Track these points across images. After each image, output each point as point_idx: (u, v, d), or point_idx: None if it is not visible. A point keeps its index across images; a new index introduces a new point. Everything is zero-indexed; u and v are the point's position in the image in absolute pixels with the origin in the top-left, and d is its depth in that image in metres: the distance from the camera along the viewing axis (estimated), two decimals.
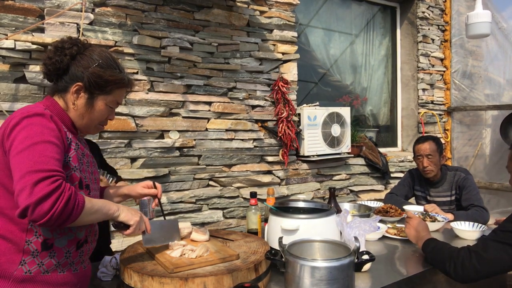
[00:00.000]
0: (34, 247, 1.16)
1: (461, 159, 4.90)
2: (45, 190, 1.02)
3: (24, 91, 2.41)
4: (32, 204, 1.00)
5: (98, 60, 1.28)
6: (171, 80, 2.93)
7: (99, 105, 1.30)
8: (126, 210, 1.29)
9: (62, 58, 1.24)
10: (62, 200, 1.03)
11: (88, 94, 1.27)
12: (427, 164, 2.64)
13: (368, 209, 2.32)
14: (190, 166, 3.04)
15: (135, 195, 1.59)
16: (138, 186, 1.59)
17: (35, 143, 1.09)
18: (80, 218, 1.10)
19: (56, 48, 1.26)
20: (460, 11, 4.85)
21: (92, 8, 2.64)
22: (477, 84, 5.01)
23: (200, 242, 1.58)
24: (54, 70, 1.26)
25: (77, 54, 1.27)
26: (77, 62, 1.26)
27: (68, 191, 1.06)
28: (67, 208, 1.05)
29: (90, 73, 1.25)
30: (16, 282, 1.14)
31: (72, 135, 1.28)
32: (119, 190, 1.59)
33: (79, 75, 1.25)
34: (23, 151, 1.08)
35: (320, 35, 4.21)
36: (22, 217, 1.03)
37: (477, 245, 1.53)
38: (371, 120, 4.67)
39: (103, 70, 1.28)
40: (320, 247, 1.48)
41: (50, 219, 1.02)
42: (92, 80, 1.26)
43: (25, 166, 1.05)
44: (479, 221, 2.30)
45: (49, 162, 1.08)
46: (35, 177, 1.03)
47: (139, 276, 1.30)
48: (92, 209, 1.15)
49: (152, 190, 1.58)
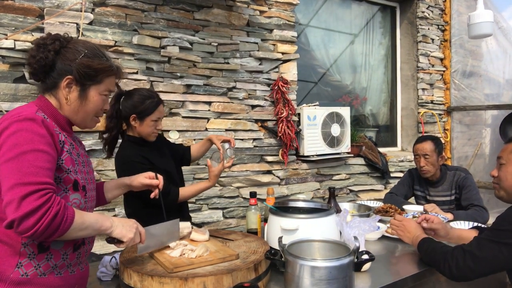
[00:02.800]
0: (31, 249, 1.15)
1: (460, 158, 4.91)
2: (32, 205, 1.01)
3: (24, 91, 2.41)
4: (18, 219, 1.00)
5: (84, 51, 1.25)
6: (170, 80, 2.93)
7: (92, 95, 1.27)
8: (120, 226, 1.26)
9: (46, 54, 1.21)
10: (49, 216, 1.03)
11: (80, 86, 1.25)
12: (423, 164, 2.65)
13: (368, 209, 2.32)
14: (190, 166, 3.03)
15: (137, 185, 1.58)
16: (140, 176, 1.59)
17: (24, 152, 1.06)
18: (69, 233, 1.09)
19: (38, 46, 1.22)
20: (460, 11, 4.85)
21: (92, 8, 2.64)
22: (477, 84, 5.02)
23: (199, 242, 1.58)
24: (40, 68, 1.22)
25: (60, 48, 1.23)
26: (63, 56, 1.23)
27: (56, 206, 1.05)
28: (54, 224, 1.04)
29: (78, 64, 1.22)
30: (12, 284, 1.13)
31: (67, 135, 1.26)
32: (120, 181, 1.59)
33: (67, 69, 1.22)
34: (12, 159, 1.06)
35: (320, 35, 4.21)
36: (8, 229, 1.03)
37: (471, 244, 1.52)
38: (370, 120, 4.67)
39: (91, 59, 1.25)
40: (319, 247, 1.48)
41: (35, 233, 1.02)
42: (82, 71, 1.23)
43: (14, 177, 1.04)
44: (478, 220, 2.30)
45: (39, 173, 1.06)
46: (23, 190, 1.02)
47: (139, 276, 1.30)
48: (83, 225, 1.13)
49: (154, 181, 1.59)
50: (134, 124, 1.97)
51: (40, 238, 1.06)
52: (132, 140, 2.01)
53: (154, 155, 2.03)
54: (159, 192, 1.60)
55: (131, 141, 2.01)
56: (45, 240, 1.12)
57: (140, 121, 1.96)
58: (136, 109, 1.94)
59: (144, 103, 1.94)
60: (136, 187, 1.60)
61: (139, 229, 1.33)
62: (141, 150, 1.98)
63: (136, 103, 1.94)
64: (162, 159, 2.07)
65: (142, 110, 1.94)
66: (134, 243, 1.32)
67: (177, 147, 2.30)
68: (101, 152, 2.66)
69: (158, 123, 2.00)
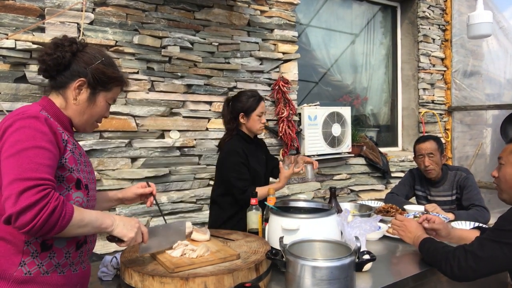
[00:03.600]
0: (34, 247, 1.16)
1: (461, 158, 4.90)
2: (30, 200, 1.01)
3: (25, 90, 2.41)
4: (15, 213, 1.00)
5: (101, 58, 1.31)
6: (171, 79, 2.93)
7: (100, 100, 1.32)
8: (122, 224, 1.25)
9: (64, 54, 1.25)
10: (46, 211, 1.02)
11: (90, 89, 1.29)
12: (428, 163, 2.63)
13: (369, 209, 2.31)
14: (191, 166, 3.04)
15: (130, 196, 1.58)
16: (133, 187, 1.59)
17: (26, 148, 1.08)
18: (68, 230, 1.09)
19: (56, 45, 1.27)
20: (461, 11, 4.84)
21: (93, 8, 2.64)
22: (478, 84, 5.01)
23: (200, 242, 1.58)
24: (54, 65, 1.26)
25: (77, 51, 1.29)
26: (79, 58, 1.28)
27: (54, 201, 1.05)
28: (51, 219, 1.04)
29: (93, 69, 1.28)
30: (16, 283, 1.13)
31: (69, 135, 1.28)
32: (112, 194, 1.57)
33: (81, 71, 1.27)
34: (13, 155, 1.07)
35: (321, 35, 4.21)
36: (7, 224, 1.03)
37: (473, 244, 1.52)
38: (371, 120, 4.66)
39: (106, 67, 1.31)
40: (320, 247, 1.47)
41: (32, 229, 1.02)
42: (96, 76, 1.28)
43: (13, 172, 1.05)
44: (479, 221, 2.30)
45: (39, 169, 1.06)
46: (21, 185, 1.02)
47: (140, 275, 1.30)
48: (82, 222, 1.13)
49: (147, 189, 1.59)
50: (242, 121, 2.32)
51: (38, 234, 1.05)
52: (242, 135, 2.35)
53: (252, 153, 2.34)
54: (154, 198, 1.59)
55: (240, 136, 2.35)
56: (43, 236, 1.13)
57: (247, 117, 2.31)
58: (243, 107, 2.30)
59: (248, 101, 2.30)
60: (130, 198, 1.58)
61: (142, 229, 1.33)
62: (244, 145, 2.31)
63: (243, 102, 2.30)
64: (255, 159, 2.37)
65: (248, 107, 2.30)
66: (136, 243, 1.32)
67: (272, 159, 2.60)
68: (101, 152, 2.66)
69: (262, 117, 2.34)
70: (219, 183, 2.37)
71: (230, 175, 2.24)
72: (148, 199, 1.60)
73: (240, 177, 2.23)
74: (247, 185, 2.22)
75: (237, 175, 2.23)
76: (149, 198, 1.60)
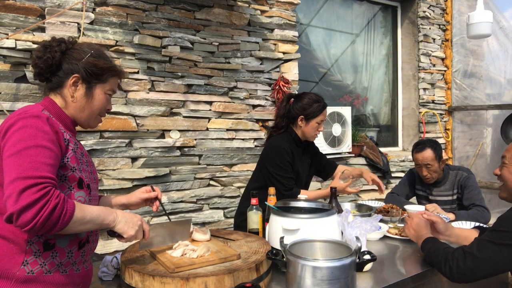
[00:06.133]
0: (36, 247, 1.16)
1: (462, 158, 4.90)
2: (31, 198, 1.02)
3: (25, 90, 2.41)
4: (16, 212, 1.01)
5: (90, 51, 1.31)
6: (171, 79, 2.93)
7: (97, 93, 1.32)
8: (123, 221, 1.26)
9: (53, 54, 1.26)
10: (47, 209, 1.03)
11: (86, 84, 1.30)
12: (426, 173, 2.64)
13: (369, 209, 2.31)
14: (191, 166, 3.04)
15: (135, 201, 1.56)
16: (137, 192, 1.58)
17: (27, 147, 1.08)
18: (69, 227, 1.09)
19: (45, 47, 1.27)
20: (461, 11, 4.84)
21: (93, 8, 2.64)
22: (478, 84, 5.01)
23: (201, 242, 1.58)
24: (46, 67, 1.26)
25: (66, 49, 1.29)
26: (69, 56, 1.28)
27: (55, 199, 1.05)
28: (52, 217, 1.04)
29: (84, 63, 1.28)
30: (18, 282, 1.13)
31: (71, 134, 1.29)
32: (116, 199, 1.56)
33: (74, 68, 1.27)
34: (14, 154, 1.07)
35: (321, 35, 4.21)
36: (8, 223, 1.03)
37: (471, 245, 1.51)
38: (372, 120, 4.66)
39: (96, 59, 1.31)
40: (321, 247, 1.47)
41: (34, 227, 1.02)
42: (89, 70, 1.28)
43: (14, 171, 1.05)
44: (480, 220, 2.30)
45: (40, 168, 1.07)
46: (22, 183, 1.03)
47: (140, 275, 1.30)
48: (84, 219, 1.13)
49: (152, 193, 1.57)
50: (300, 124, 2.25)
51: (40, 232, 1.06)
52: (293, 136, 2.29)
53: (297, 155, 2.31)
54: (160, 203, 1.58)
55: (291, 136, 2.29)
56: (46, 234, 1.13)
57: (307, 122, 2.24)
58: (305, 111, 2.21)
59: (312, 106, 2.21)
60: (135, 204, 1.57)
61: (144, 226, 1.33)
62: (292, 146, 2.26)
63: (306, 105, 2.21)
64: (300, 162, 2.34)
65: (310, 112, 2.21)
66: (137, 240, 1.32)
67: (321, 158, 2.55)
68: (101, 152, 2.66)
69: (321, 125, 2.27)
70: (258, 176, 2.34)
71: (276, 172, 2.21)
72: (153, 204, 1.58)
73: (286, 176, 2.22)
74: (293, 184, 2.23)
75: (283, 173, 2.22)
76: (155, 203, 1.58)
